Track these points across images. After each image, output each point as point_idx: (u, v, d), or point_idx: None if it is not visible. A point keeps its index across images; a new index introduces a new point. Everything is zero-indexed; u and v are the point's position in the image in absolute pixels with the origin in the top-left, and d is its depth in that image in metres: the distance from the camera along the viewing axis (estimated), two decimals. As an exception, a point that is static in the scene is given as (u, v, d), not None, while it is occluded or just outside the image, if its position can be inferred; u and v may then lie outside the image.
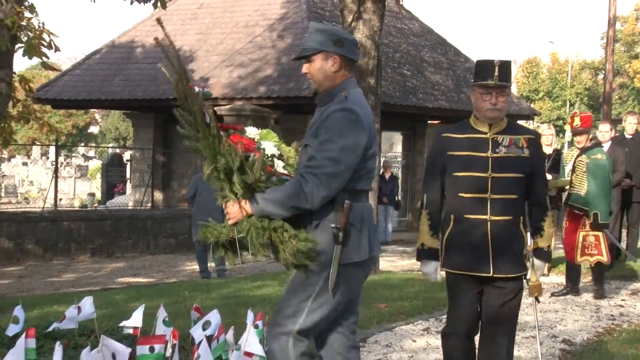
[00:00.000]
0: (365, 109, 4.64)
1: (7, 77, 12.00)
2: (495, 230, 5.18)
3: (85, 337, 7.32)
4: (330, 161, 4.39)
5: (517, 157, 5.22)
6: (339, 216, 4.47)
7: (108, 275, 15.73)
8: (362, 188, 4.65)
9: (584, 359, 7.49)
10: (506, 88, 5.26)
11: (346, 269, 4.54)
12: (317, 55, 4.62)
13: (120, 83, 23.52)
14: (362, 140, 4.47)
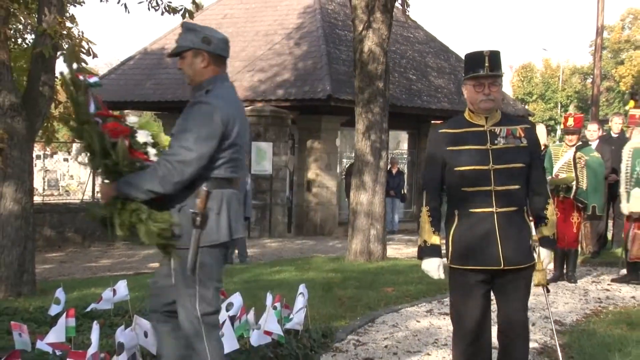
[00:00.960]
0: (229, 103, 4.62)
1: (49, 81, 12.03)
2: (502, 222, 4.82)
3: (119, 316, 7.36)
4: (184, 149, 4.41)
5: (516, 147, 4.90)
6: (196, 202, 4.48)
7: (140, 261, 15.74)
8: (223, 176, 4.62)
9: (574, 338, 7.46)
10: (498, 77, 4.96)
11: (205, 250, 4.53)
12: (187, 52, 4.62)
13: (151, 86, 23.55)
14: (217, 130, 4.46)
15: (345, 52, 21.78)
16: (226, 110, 4.54)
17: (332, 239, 20.56)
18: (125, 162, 4.48)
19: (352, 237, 13.84)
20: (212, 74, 4.63)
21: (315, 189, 22.30)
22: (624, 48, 62.62)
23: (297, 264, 13.18)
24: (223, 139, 4.51)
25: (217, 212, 4.53)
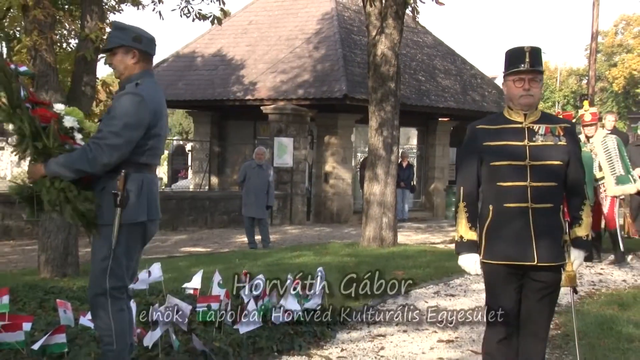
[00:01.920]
0: (154, 96, 4.63)
1: (91, 82, 12.08)
2: (537, 217, 4.40)
3: (154, 296, 7.38)
4: (113, 135, 4.40)
5: (554, 145, 4.49)
6: (116, 184, 4.47)
7: (173, 245, 15.80)
8: (144, 162, 4.62)
9: (569, 318, 7.44)
10: (539, 74, 4.55)
11: (125, 228, 4.51)
12: (119, 49, 4.61)
13: (183, 87, 23.60)
14: (144, 119, 4.48)
15: (360, 55, 21.76)
16: (153, 102, 4.57)
17: (348, 226, 20.57)
18: (56, 144, 4.48)
19: (366, 224, 13.85)
20: (140, 69, 4.63)
21: (332, 181, 22.31)
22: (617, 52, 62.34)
23: (315, 249, 13.19)
24: (149, 128, 4.53)
25: (136, 194, 4.53)
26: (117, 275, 4.53)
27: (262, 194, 14.21)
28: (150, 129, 4.53)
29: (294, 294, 6.53)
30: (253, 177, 14.24)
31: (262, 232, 14.40)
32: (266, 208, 14.51)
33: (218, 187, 24.16)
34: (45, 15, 11.24)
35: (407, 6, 14.09)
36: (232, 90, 22.57)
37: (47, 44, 11.29)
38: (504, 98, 4.85)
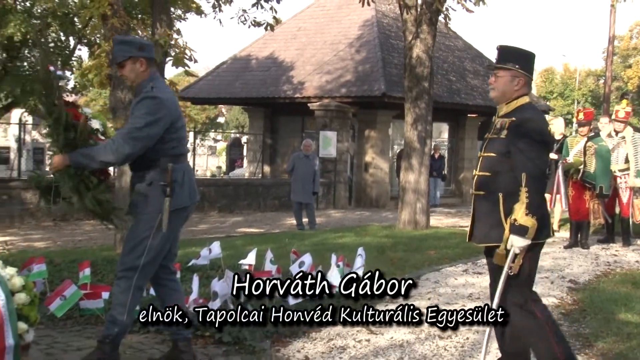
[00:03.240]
0: (168, 94, 4.62)
1: (159, 82, 12.18)
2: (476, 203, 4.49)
3: (214, 270, 7.47)
4: (136, 129, 4.41)
5: (497, 138, 4.30)
6: (165, 176, 4.47)
7: (230, 226, 15.94)
8: (180, 152, 4.64)
9: (586, 295, 7.37)
10: (502, 70, 4.33)
11: (173, 213, 4.51)
12: (127, 61, 4.56)
13: (240, 86, 23.74)
14: (164, 117, 4.46)
15: (397, 57, 21.67)
16: (169, 100, 4.57)
17: (385, 211, 20.54)
18: (84, 137, 4.49)
19: (402, 209, 13.83)
20: (149, 74, 4.61)
21: (371, 170, 22.29)
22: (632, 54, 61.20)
23: (356, 231, 13.21)
24: (173, 122, 4.54)
25: (180, 184, 4.56)
26: (151, 256, 4.51)
27: (309, 182, 14.26)
28: (175, 122, 4.55)
29: (338, 271, 6.56)
30: (301, 167, 14.29)
31: (309, 215, 14.45)
32: (312, 194, 14.56)
33: (270, 175, 24.28)
34: (121, 24, 11.38)
35: (440, 13, 13.99)
36: (282, 89, 22.64)
37: (122, 49, 11.41)
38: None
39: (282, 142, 24.51)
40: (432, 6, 13.51)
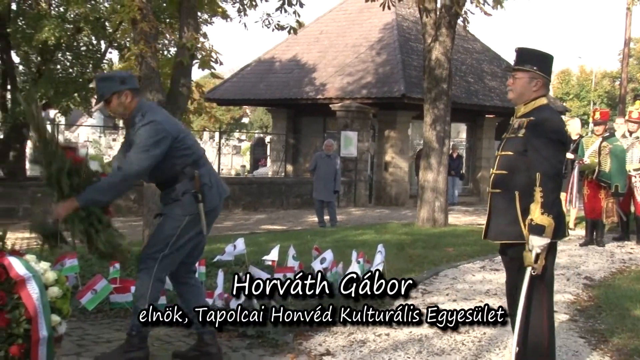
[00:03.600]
0: (162, 115, 4.57)
1: (187, 84, 12.26)
2: (493, 201, 4.46)
3: (238, 266, 7.50)
4: (143, 152, 4.37)
5: (515, 137, 4.28)
6: (194, 184, 4.49)
7: (254, 223, 15.99)
8: (198, 157, 4.63)
9: (601, 291, 7.32)
10: (519, 71, 4.30)
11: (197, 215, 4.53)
12: (112, 97, 4.48)
13: (263, 87, 23.79)
14: (165, 136, 4.42)
15: (416, 60, 21.59)
16: (164, 119, 4.53)
17: (404, 209, 20.50)
18: (88, 179, 4.41)
19: (421, 207, 13.80)
20: (137, 103, 4.54)
21: (391, 169, 22.24)
22: (647, 56, 60.66)
23: (376, 228, 13.20)
24: (175, 137, 4.50)
25: (209, 186, 4.58)
26: (172, 251, 4.53)
27: (330, 180, 14.26)
28: (177, 135, 4.51)
29: (358, 267, 6.55)
30: (323, 166, 14.30)
31: (330, 213, 14.46)
32: (334, 192, 14.55)
33: (292, 174, 24.31)
34: (150, 28, 11.45)
35: (459, 17, 13.94)
36: (305, 90, 22.65)
37: (151, 52, 11.50)
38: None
39: (304, 142, 24.53)
40: (451, 10, 13.46)
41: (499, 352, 5.20)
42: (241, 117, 60.24)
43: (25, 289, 3.64)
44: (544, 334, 4.20)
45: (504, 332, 5.65)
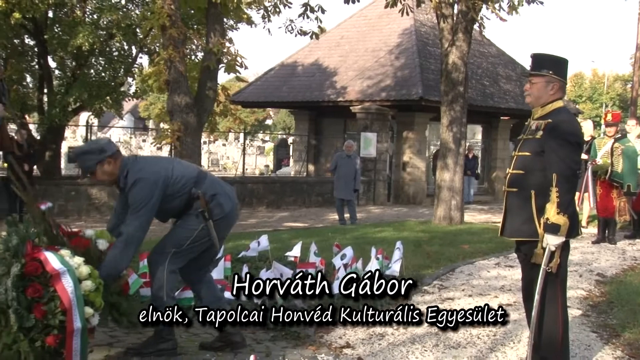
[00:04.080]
0: (143, 165, 4.48)
1: (213, 87, 12.32)
2: (508, 199, 4.43)
3: (262, 262, 7.51)
4: (136, 212, 4.33)
5: (532, 138, 4.25)
6: (200, 203, 4.46)
7: (277, 220, 16.01)
8: (196, 177, 4.56)
9: (613, 287, 7.24)
10: (535, 76, 4.28)
11: (214, 222, 4.52)
12: (95, 168, 4.40)
13: (286, 90, 23.81)
14: (155, 189, 4.36)
15: (434, 63, 21.51)
16: (147, 170, 4.44)
17: (422, 207, 20.42)
18: (98, 260, 4.28)
19: (437, 206, 13.75)
20: (119, 164, 4.46)
21: (409, 169, 22.17)
22: (658, 60, 59.97)
23: (394, 226, 13.16)
24: (166, 175, 4.45)
25: (217, 198, 4.55)
26: (183, 249, 4.55)
27: (350, 180, 14.24)
28: (167, 177, 4.46)
29: (377, 263, 6.54)
30: (343, 166, 14.28)
31: (350, 211, 14.44)
32: (354, 191, 14.53)
33: (314, 174, 24.31)
34: (179, 34, 11.52)
35: (475, 22, 13.85)
36: (326, 93, 22.65)
37: (179, 57, 11.58)
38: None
39: (325, 143, 24.53)
40: (468, 15, 13.40)
41: (514, 346, 5.16)
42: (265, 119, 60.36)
43: (60, 282, 3.66)
44: (558, 329, 4.18)
45: (519, 326, 5.62)
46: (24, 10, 13.58)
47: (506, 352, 5.02)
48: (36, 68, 17.17)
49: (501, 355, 4.94)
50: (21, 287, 3.63)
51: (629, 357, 4.95)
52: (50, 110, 16.33)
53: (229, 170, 34.49)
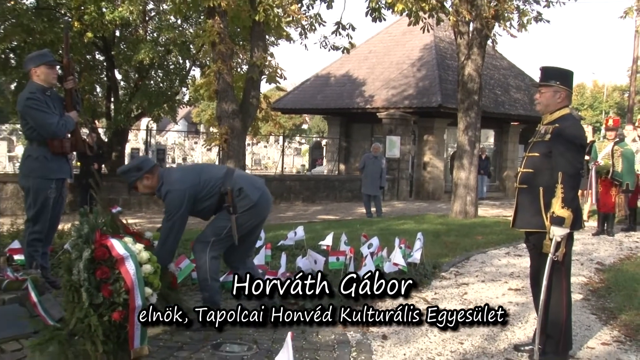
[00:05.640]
0: (175, 177, 4.51)
1: (256, 95, 12.37)
2: (519, 195, 4.37)
3: (298, 250, 7.53)
4: (169, 220, 4.42)
5: (541, 141, 4.22)
6: (227, 198, 4.51)
7: (312, 213, 16.03)
8: (224, 176, 4.58)
9: (611, 274, 7.12)
10: (544, 87, 4.26)
11: (244, 213, 4.55)
12: (136, 183, 4.51)
13: (321, 98, 23.81)
14: (185, 199, 4.42)
15: (451, 75, 21.33)
16: (178, 182, 4.48)
17: (440, 203, 20.27)
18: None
19: (454, 201, 13.65)
20: (157, 178, 4.52)
21: (429, 168, 22.02)
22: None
23: (415, 219, 13.10)
24: (196, 183, 4.49)
25: (243, 188, 4.57)
26: (222, 236, 4.57)
27: (376, 178, 14.19)
28: (195, 184, 4.50)
29: (400, 251, 6.52)
30: (370, 165, 14.24)
31: (376, 205, 14.40)
32: (379, 188, 14.48)
33: (344, 172, 24.29)
34: (227, 49, 11.59)
35: (488, 38, 13.72)
36: (356, 101, 22.60)
37: (227, 69, 11.65)
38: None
39: (354, 145, 24.48)
40: (482, 32, 13.28)
41: (522, 326, 5.11)
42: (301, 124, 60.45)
43: (124, 265, 3.71)
44: (562, 311, 4.17)
45: (526, 308, 5.56)
46: (96, 30, 13.81)
47: (515, 332, 4.97)
48: (104, 80, 17.42)
49: (510, 334, 4.89)
50: (91, 270, 3.69)
51: (625, 336, 4.89)
52: (116, 116, 16.57)
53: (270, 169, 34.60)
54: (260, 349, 4.25)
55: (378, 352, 4.37)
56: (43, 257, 5.44)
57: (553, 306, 4.17)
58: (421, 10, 11.83)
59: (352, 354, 4.24)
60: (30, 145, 5.37)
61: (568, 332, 4.23)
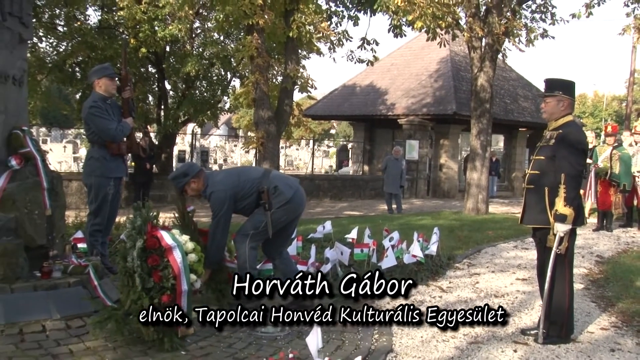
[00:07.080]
0: (219, 179, 4.51)
1: (289, 104, 12.40)
2: (527, 194, 4.29)
3: (327, 242, 7.52)
4: (215, 217, 4.42)
5: (546, 145, 4.16)
6: (263, 196, 4.47)
7: (338, 210, 16.03)
8: (262, 176, 4.55)
9: (609, 267, 6.99)
10: (549, 97, 4.19)
11: (279, 209, 4.52)
12: (187, 187, 4.51)
13: (347, 106, 23.79)
14: (226, 200, 4.41)
15: (465, 85, 21.12)
16: (220, 183, 4.48)
17: (454, 200, 20.09)
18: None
19: (467, 199, 13.53)
20: (204, 182, 4.52)
21: (444, 169, 21.84)
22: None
23: (432, 215, 13.01)
24: (236, 184, 4.48)
25: (278, 186, 4.55)
26: (259, 230, 4.56)
27: (397, 178, 14.13)
28: (234, 186, 4.49)
29: (418, 244, 6.48)
30: (391, 166, 14.17)
31: (397, 202, 14.33)
32: (400, 187, 14.42)
33: (368, 173, 24.22)
34: (263, 62, 11.65)
35: (499, 52, 13.57)
36: (379, 108, 22.52)
37: (264, 80, 11.71)
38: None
39: (377, 148, 24.39)
40: (493, 47, 13.15)
41: (528, 312, 5.05)
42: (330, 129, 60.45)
43: (172, 254, 3.76)
44: (565, 299, 4.13)
45: (532, 297, 5.49)
46: (149, 46, 14.03)
47: (522, 317, 4.91)
48: (156, 90, 17.63)
49: (517, 320, 4.83)
50: (144, 257, 3.74)
51: (622, 322, 4.82)
52: (166, 122, 16.77)
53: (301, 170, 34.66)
54: (292, 330, 4.27)
55: (398, 334, 4.36)
56: (102, 245, 5.54)
57: (557, 294, 4.14)
58: (438, 27, 11.79)
59: (374, 335, 4.24)
60: (92, 147, 5.48)
61: (570, 318, 4.20)
